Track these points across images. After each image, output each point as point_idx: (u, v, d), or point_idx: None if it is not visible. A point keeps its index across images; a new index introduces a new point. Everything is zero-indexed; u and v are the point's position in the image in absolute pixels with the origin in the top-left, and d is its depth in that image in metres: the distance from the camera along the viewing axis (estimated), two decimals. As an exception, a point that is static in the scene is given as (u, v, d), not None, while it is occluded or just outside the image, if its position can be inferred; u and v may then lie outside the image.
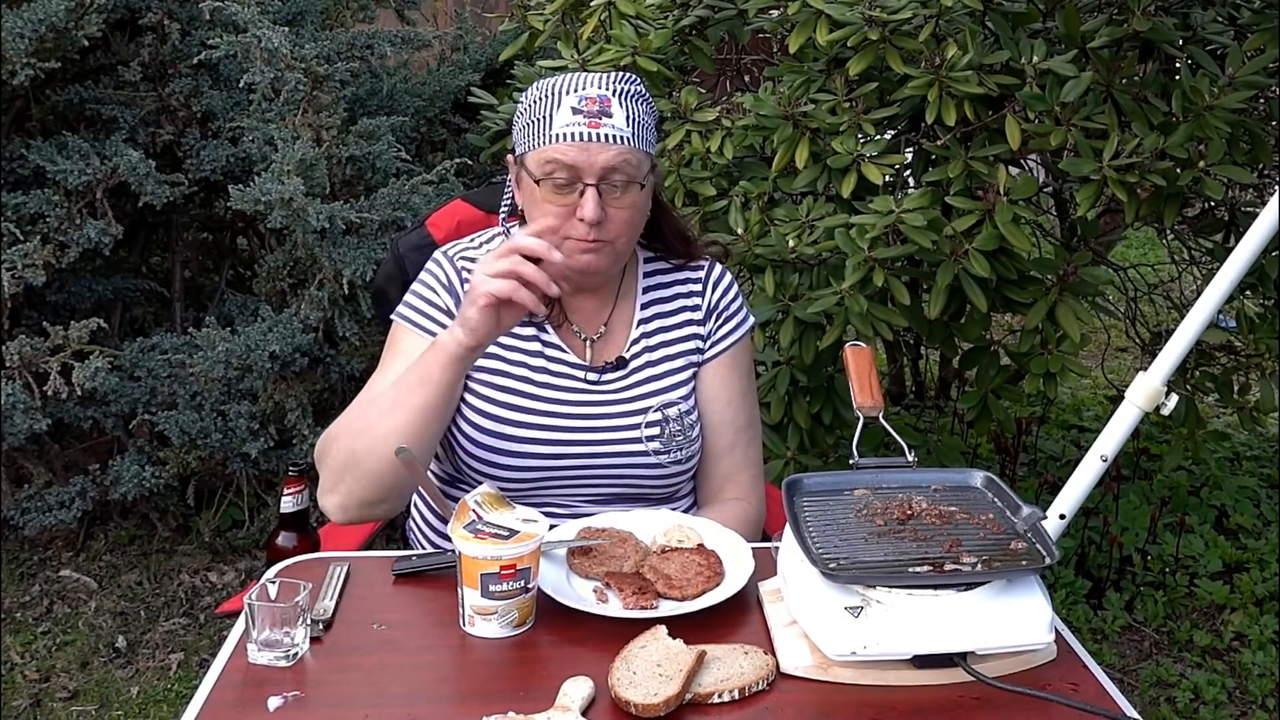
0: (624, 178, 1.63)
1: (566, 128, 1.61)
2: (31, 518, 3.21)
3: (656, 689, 1.23)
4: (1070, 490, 1.60)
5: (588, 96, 1.62)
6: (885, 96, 2.60)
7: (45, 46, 3.00)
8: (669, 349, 1.80)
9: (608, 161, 1.61)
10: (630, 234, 1.70)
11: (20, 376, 2.99)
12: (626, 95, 1.65)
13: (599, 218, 1.61)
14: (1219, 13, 2.80)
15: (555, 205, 1.63)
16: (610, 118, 1.62)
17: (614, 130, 1.62)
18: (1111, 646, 3.11)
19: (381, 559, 1.59)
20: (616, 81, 1.66)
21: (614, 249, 1.67)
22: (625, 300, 1.81)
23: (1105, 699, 1.29)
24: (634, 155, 1.64)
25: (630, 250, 1.74)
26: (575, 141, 1.61)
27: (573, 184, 1.62)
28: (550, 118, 1.63)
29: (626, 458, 1.73)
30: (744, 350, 1.86)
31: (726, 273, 1.87)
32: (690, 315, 1.82)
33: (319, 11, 3.69)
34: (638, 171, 1.65)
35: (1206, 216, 3.13)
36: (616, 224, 1.65)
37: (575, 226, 1.63)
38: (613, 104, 1.63)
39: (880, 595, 1.30)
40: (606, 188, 1.62)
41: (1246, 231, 1.54)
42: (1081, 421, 4.45)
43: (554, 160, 1.62)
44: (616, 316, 1.80)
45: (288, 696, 1.27)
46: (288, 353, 3.11)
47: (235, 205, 3.01)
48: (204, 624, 3.18)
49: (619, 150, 1.62)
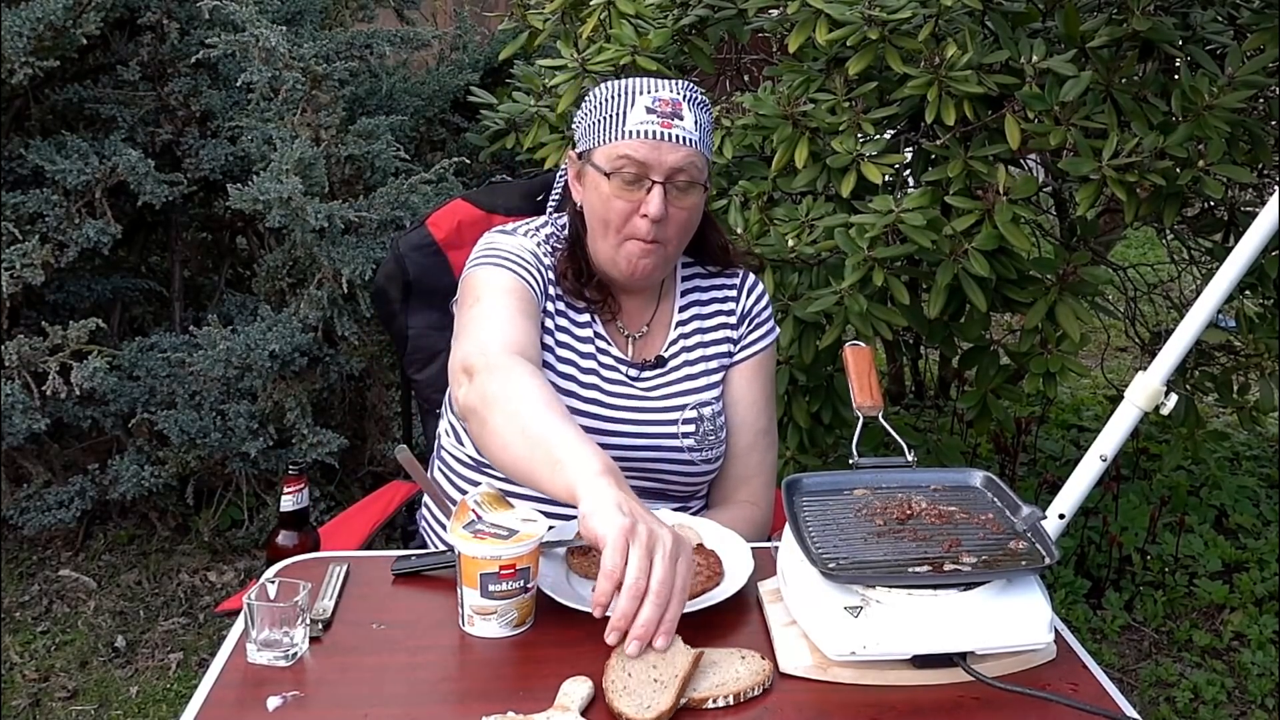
0: (688, 179, 1.68)
1: (641, 125, 1.66)
2: (31, 517, 3.21)
3: (650, 700, 1.22)
4: (1070, 490, 1.60)
5: (661, 98, 1.67)
6: (885, 96, 2.60)
7: (44, 45, 3.00)
8: (705, 350, 1.84)
9: (677, 161, 1.66)
10: (683, 237, 1.74)
11: (19, 376, 2.99)
12: (695, 102, 1.71)
13: (662, 215, 1.66)
14: (1218, 12, 2.80)
15: (621, 201, 1.67)
16: (681, 120, 1.67)
17: (684, 132, 1.67)
18: (1111, 646, 3.11)
19: (381, 559, 1.59)
20: (686, 89, 1.71)
21: (665, 252, 1.72)
22: (665, 302, 1.85)
23: (1105, 699, 1.29)
24: (699, 159, 1.69)
25: (678, 255, 1.78)
26: (648, 139, 1.66)
27: (640, 180, 1.66)
28: (624, 115, 1.67)
29: (662, 453, 1.76)
30: (769, 358, 1.91)
31: (760, 282, 1.92)
32: (725, 319, 1.87)
33: (318, 11, 3.69)
34: (700, 174, 1.70)
35: (1206, 216, 3.13)
36: (675, 224, 1.69)
37: (637, 224, 1.67)
38: (684, 107, 1.68)
39: (880, 595, 1.30)
40: (671, 187, 1.67)
41: (1246, 231, 1.54)
42: (1081, 421, 4.45)
43: (626, 156, 1.66)
44: (658, 317, 1.84)
45: (287, 696, 1.27)
46: (287, 352, 3.11)
47: (234, 204, 3.01)
48: (203, 624, 3.18)
49: (688, 152, 1.67)
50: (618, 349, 1.80)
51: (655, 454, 1.76)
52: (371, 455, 3.57)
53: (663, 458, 1.76)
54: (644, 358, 1.81)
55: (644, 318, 1.83)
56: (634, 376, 1.79)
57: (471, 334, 1.63)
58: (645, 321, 1.83)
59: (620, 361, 1.79)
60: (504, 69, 3.80)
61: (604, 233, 1.71)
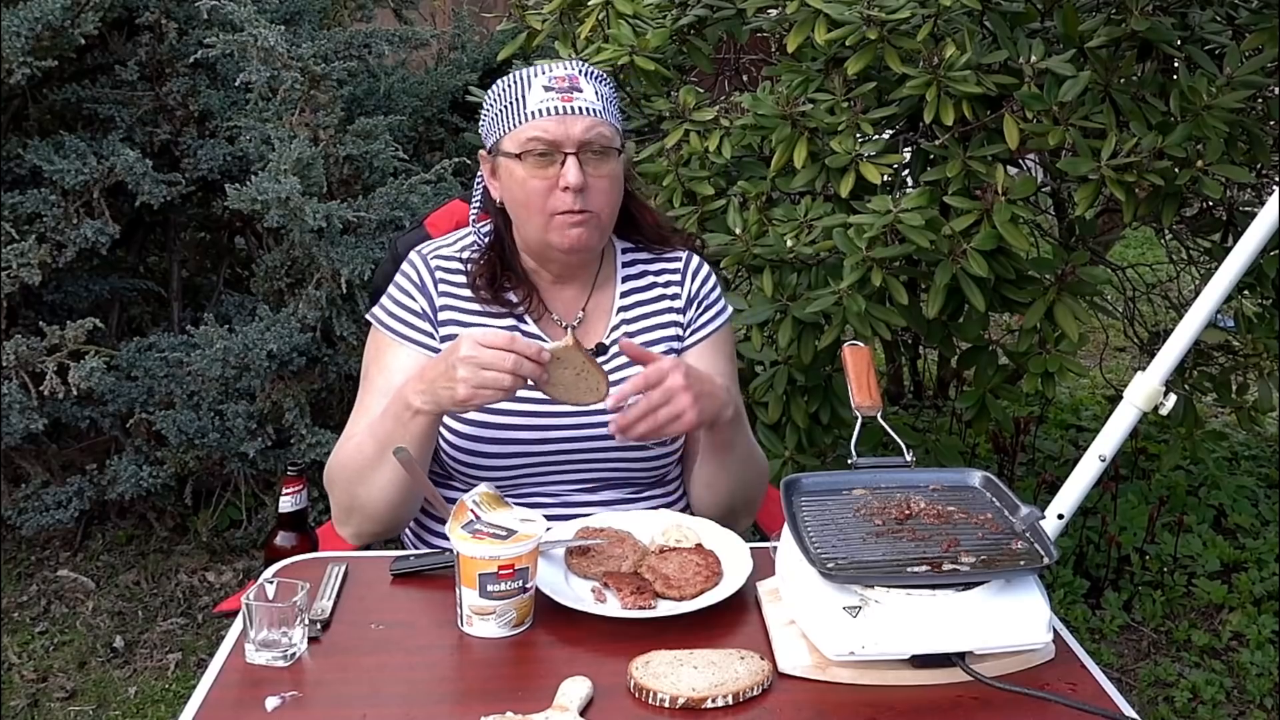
0: (600, 146, 1.69)
1: (541, 104, 1.68)
2: (29, 517, 3.21)
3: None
4: (1069, 490, 1.60)
5: (557, 75, 1.70)
6: (883, 96, 2.60)
7: (42, 45, 3.00)
8: (649, 335, 1.82)
9: (584, 131, 1.67)
10: (611, 206, 1.74)
11: (17, 376, 2.99)
12: (591, 75, 1.74)
13: (581, 184, 1.66)
14: (1217, 12, 2.80)
15: (537, 180, 1.68)
16: (581, 92, 1.69)
17: (586, 103, 1.69)
18: (1110, 646, 3.11)
19: (379, 559, 1.59)
20: (579, 65, 1.75)
21: (599, 221, 1.71)
22: (603, 288, 1.83)
23: (1103, 698, 1.29)
24: (607, 128, 1.70)
25: (611, 225, 1.77)
26: (551, 115, 1.67)
27: (551, 155, 1.67)
28: (524, 99, 1.69)
29: (610, 441, 1.72)
30: (724, 336, 1.89)
31: (704, 263, 1.91)
32: (670, 304, 1.85)
33: (317, 10, 3.69)
34: (611, 141, 1.71)
35: (1205, 216, 3.13)
36: (598, 194, 1.69)
37: (559, 199, 1.67)
38: (580, 80, 1.71)
39: (878, 595, 1.30)
40: (586, 157, 1.67)
41: (1245, 231, 1.54)
42: (1080, 421, 4.45)
43: (533, 136, 1.67)
44: (594, 303, 1.82)
45: (285, 696, 1.27)
46: (285, 352, 3.11)
47: (232, 204, 3.00)
48: (202, 624, 3.18)
49: (593, 121, 1.68)
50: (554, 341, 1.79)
51: (603, 444, 1.73)
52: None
53: (611, 446, 1.73)
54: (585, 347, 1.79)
55: (578, 305, 1.81)
56: None
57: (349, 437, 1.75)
58: (580, 308, 1.81)
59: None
60: (503, 69, 3.77)
61: (527, 216, 1.71)
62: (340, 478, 1.72)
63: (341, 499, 1.73)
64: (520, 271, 1.79)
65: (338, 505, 1.75)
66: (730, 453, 1.73)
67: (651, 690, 1.25)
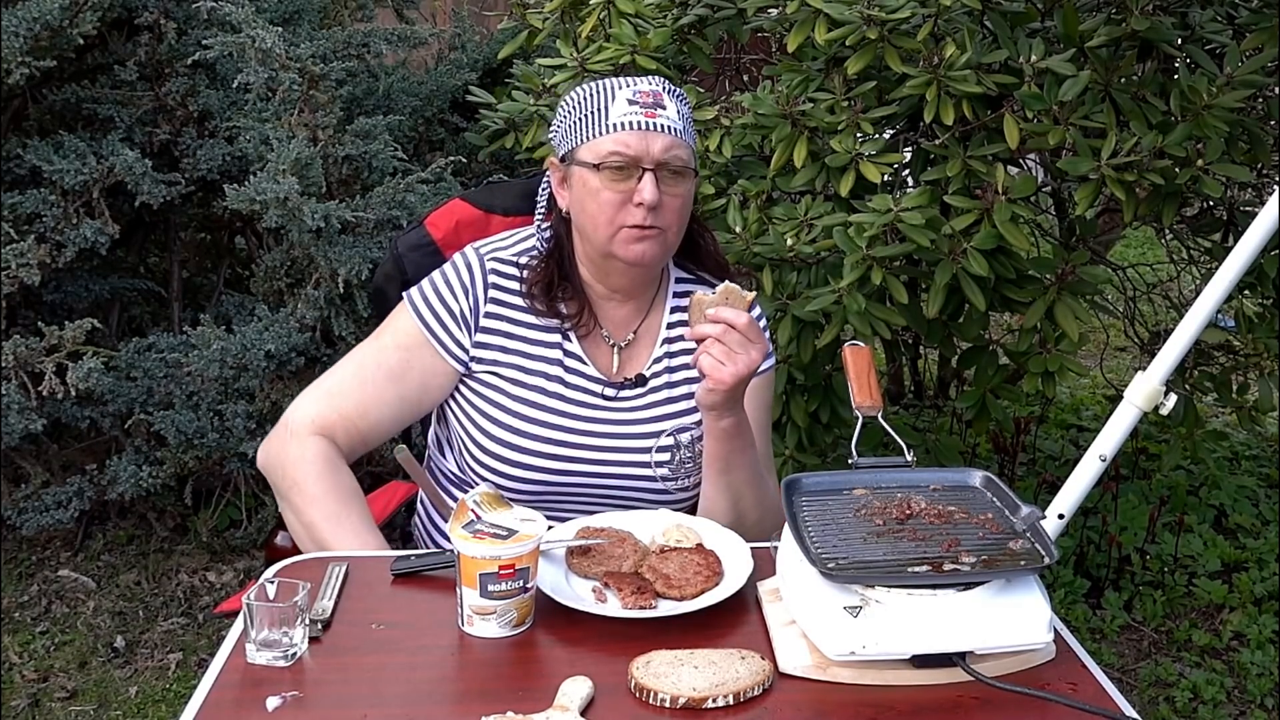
0: (678, 165, 1.67)
1: (624, 117, 1.66)
2: (29, 517, 3.21)
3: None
4: (1069, 490, 1.60)
5: (641, 90, 1.68)
6: (884, 95, 2.59)
7: (41, 45, 2.99)
8: (689, 371, 1.79)
9: (664, 149, 1.66)
10: (679, 225, 1.72)
11: (15, 376, 2.99)
12: (674, 94, 1.72)
13: (656, 201, 1.65)
14: (1217, 12, 2.80)
15: (611, 192, 1.66)
16: (664, 109, 1.68)
17: (668, 121, 1.67)
18: (1110, 646, 3.11)
19: (380, 559, 1.59)
20: (663, 83, 1.72)
21: (665, 238, 1.70)
22: (656, 311, 1.82)
23: (1104, 698, 1.29)
24: (685, 149, 1.69)
25: (676, 245, 1.76)
26: (634, 130, 1.65)
27: (630, 170, 1.65)
28: (606, 110, 1.67)
29: (633, 480, 1.74)
30: (764, 385, 1.85)
31: (757, 304, 1.87)
32: None
33: (316, 10, 3.68)
34: (688, 162, 1.69)
35: (1205, 216, 3.13)
36: (669, 212, 1.68)
37: (632, 213, 1.66)
38: (665, 98, 1.69)
39: (879, 595, 1.29)
40: (662, 175, 1.66)
41: (1245, 231, 1.54)
42: (1080, 421, 4.45)
43: (614, 150, 1.65)
44: (646, 326, 1.81)
45: (286, 696, 1.27)
46: (284, 352, 3.10)
47: (231, 204, 3.00)
48: (202, 624, 3.18)
49: (674, 140, 1.67)
50: (595, 366, 1.77)
51: (626, 482, 1.74)
52: (370, 455, 3.55)
53: (634, 485, 1.74)
54: (625, 375, 1.78)
55: (629, 326, 1.80)
56: (610, 396, 1.76)
57: (325, 383, 1.74)
58: (632, 330, 1.80)
59: (595, 381, 1.76)
60: (503, 68, 3.79)
61: (595, 227, 1.69)
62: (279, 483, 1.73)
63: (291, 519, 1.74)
64: (577, 283, 1.76)
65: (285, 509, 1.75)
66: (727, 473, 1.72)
67: (652, 690, 1.25)
